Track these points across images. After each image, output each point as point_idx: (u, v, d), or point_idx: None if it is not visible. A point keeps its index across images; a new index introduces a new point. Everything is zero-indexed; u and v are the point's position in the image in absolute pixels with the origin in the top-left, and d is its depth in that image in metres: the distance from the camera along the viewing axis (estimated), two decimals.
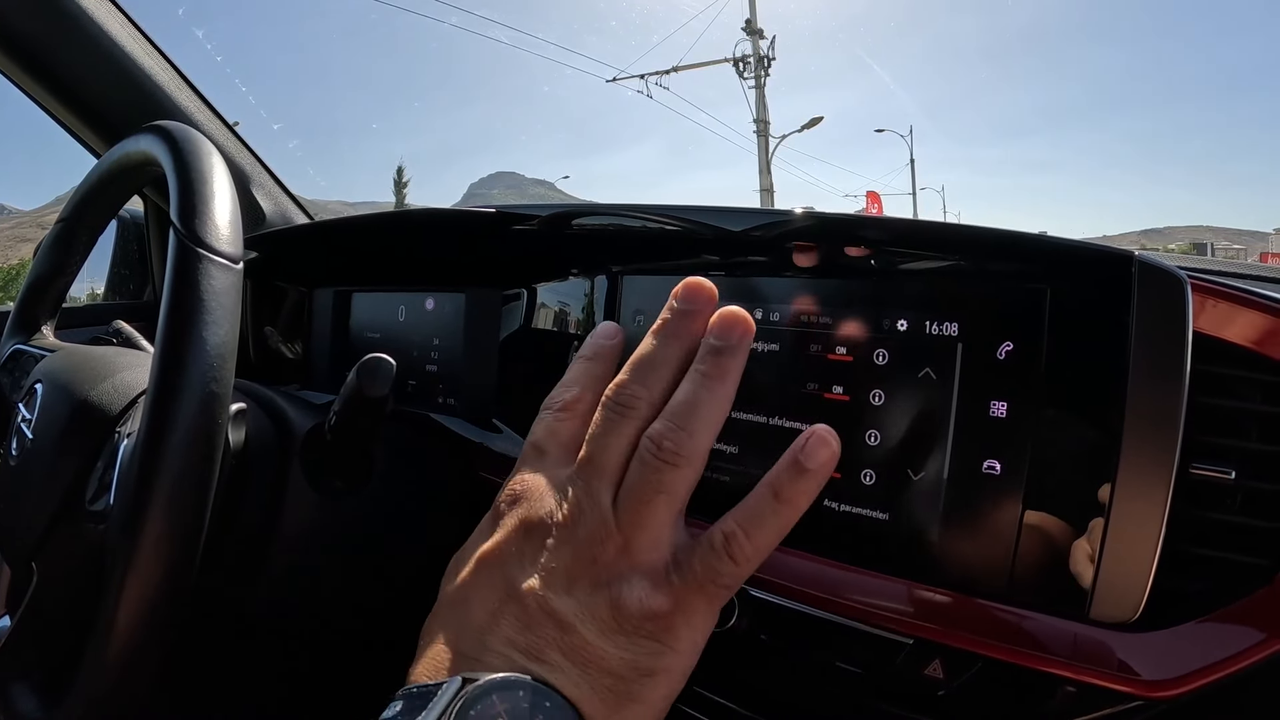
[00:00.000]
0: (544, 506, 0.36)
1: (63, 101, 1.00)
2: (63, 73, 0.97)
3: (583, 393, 0.40)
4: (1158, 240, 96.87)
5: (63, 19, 0.92)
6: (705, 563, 0.34)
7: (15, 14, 0.90)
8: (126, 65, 0.99)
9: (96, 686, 0.44)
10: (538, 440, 0.40)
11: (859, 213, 1.10)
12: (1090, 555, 0.40)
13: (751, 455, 0.54)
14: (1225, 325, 0.41)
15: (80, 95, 1.00)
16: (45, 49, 0.94)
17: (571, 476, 0.36)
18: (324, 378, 0.95)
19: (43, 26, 0.92)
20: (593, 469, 0.36)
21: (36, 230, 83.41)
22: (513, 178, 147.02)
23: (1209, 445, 0.41)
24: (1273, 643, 0.38)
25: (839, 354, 0.50)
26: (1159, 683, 0.39)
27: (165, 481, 0.41)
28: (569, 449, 0.38)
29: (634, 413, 0.37)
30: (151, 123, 0.60)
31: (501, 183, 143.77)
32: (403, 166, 60.21)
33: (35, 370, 0.64)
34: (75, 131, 1.04)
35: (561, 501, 0.36)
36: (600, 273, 0.66)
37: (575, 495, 0.35)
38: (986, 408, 0.44)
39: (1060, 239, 0.44)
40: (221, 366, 0.44)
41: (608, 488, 0.35)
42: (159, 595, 0.42)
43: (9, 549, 0.59)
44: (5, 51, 0.93)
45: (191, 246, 0.46)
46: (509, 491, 0.38)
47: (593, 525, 0.34)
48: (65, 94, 1.00)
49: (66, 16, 0.93)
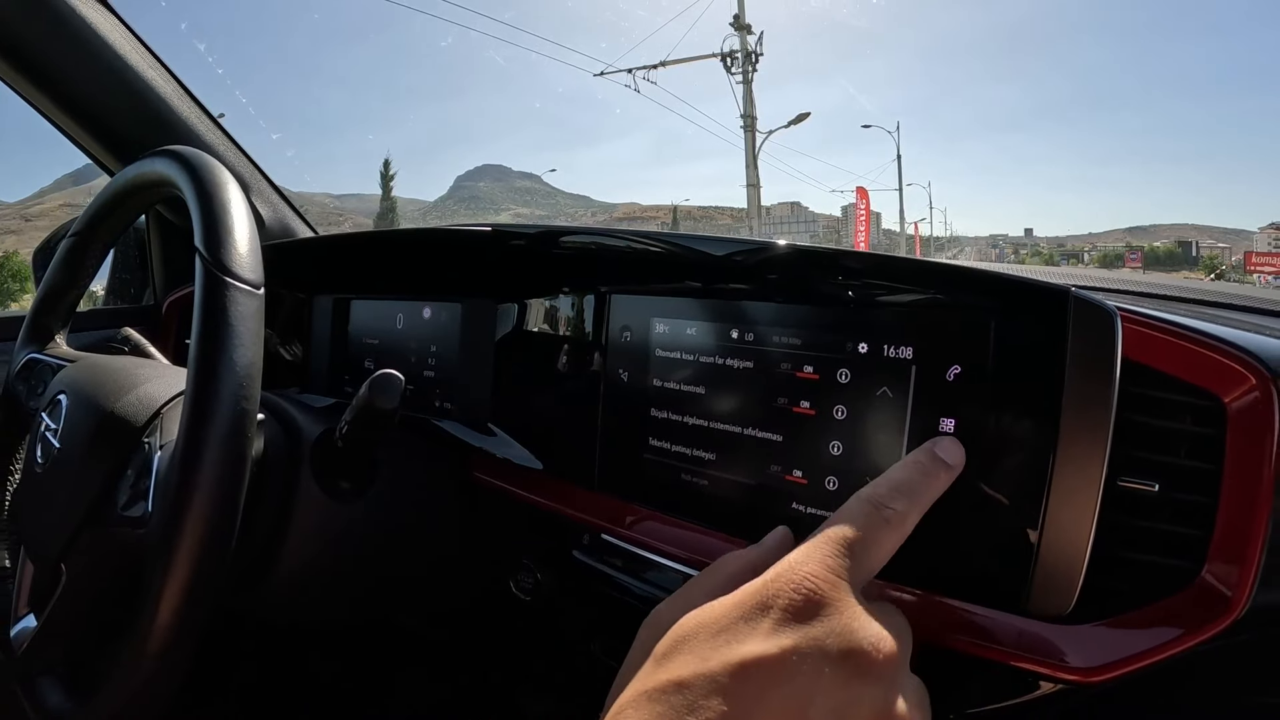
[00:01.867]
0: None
1: (77, 121, 1.04)
2: (77, 94, 1.01)
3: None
4: (1143, 238, 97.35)
5: (77, 42, 0.96)
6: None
7: (31, 37, 0.94)
8: (138, 85, 1.03)
9: (133, 683, 0.48)
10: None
11: (847, 206, 1.13)
12: (1028, 556, 0.45)
13: (726, 461, 0.59)
14: (1156, 354, 0.46)
15: (94, 115, 1.04)
16: (60, 71, 0.98)
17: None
18: (323, 381, 0.99)
19: (58, 49, 0.96)
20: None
21: (20, 222, 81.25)
22: (499, 170, 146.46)
23: (1140, 460, 0.45)
24: (1190, 638, 0.42)
25: (806, 372, 0.55)
26: (1086, 670, 0.43)
27: (203, 492, 0.46)
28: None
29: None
30: (168, 148, 0.64)
31: (488, 175, 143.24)
32: (389, 159, 60.01)
33: (56, 381, 0.67)
34: (89, 150, 1.08)
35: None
36: (589, 291, 0.71)
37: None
38: (936, 423, 0.49)
39: (1006, 275, 0.48)
40: (250, 385, 0.49)
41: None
42: (195, 598, 0.46)
43: (36, 550, 0.63)
44: (22, 73, 0.96)
45: (219, 275, 0.50)
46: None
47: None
48: (80, 114, 1.03)
49: (81, 40, 0.97)
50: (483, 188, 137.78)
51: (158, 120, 1.06)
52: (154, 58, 1.06)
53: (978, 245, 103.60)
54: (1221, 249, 79.62)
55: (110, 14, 1.00)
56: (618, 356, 0.67)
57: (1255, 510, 0.42)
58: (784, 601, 0.35)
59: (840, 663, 0.33)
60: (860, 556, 0.38)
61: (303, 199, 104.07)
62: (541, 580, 0.73)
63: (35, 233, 78.22)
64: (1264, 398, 0.43)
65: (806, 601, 0.35)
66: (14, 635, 0.63)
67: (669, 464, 0.63)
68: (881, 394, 0.51)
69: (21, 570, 0.66)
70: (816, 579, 0.35)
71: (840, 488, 0.53)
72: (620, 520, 0.65)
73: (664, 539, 0.62)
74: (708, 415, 0.61)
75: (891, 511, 0.40)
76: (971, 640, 0.47)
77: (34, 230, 78.28)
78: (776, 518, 0.52)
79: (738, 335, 0.59)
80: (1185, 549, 0.44)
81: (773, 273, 0.59)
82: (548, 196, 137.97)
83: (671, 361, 0.63)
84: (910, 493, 0.42)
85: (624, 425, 0.66)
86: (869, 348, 0.52)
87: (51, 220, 79.64)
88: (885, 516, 0.40)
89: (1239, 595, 0.42)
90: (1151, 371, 0.46)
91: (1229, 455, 0.44)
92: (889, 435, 0.51)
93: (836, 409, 0.54)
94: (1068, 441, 0.44)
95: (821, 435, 0.54)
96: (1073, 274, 0.78)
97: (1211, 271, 51.42)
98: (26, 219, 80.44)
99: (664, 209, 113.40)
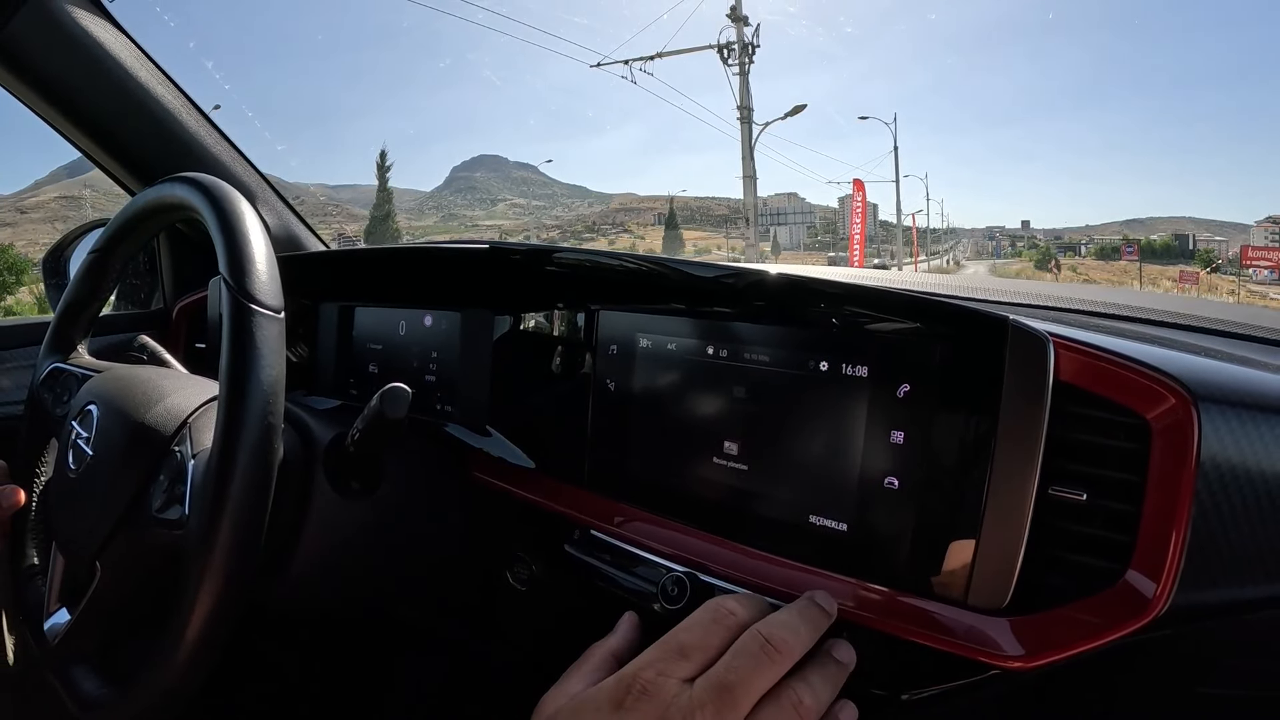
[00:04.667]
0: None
1: (100, 145, 1.10)
2: (99, 119, 1.07)
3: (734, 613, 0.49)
4: (1140, 231, 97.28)
5: (98, 70, 1.02)
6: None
7: (56, 67, 1.00)
8: (151, 106, 1.08)
9: (173, 670, 0.54)
10: (687, 642, 0.47)
11: (843, 198, 1.18)
12: (969, 555, 0.51)
13: (701, 466, 0.66)
14: (1087, 377, 0.51)
15: (111, 136, 1.09)
16: (83, 98, 1.04)
17: (703, 700, 0.44)
18: (328, 384, 1.04)
19: (80, 77, 1.02)
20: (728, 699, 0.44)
21: (14, 215, 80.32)
22: (496, 160, 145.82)
23: (1072, 471, 0.50)
24: (1111, 632, 0.47)
25: (774, 386, 0.62)
26: (1017, 657, 0.49)
27: (237, 498, 0.52)
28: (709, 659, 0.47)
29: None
30: (189, 175, 0.68)
31: (484, 166, 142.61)
32: (385, 150, 59.87)
33: (85, 392, 0.72)
34: (111, 171, 1.13)
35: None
36: (580, 309, 0.77)
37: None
38: (888, 435, 0.55)
39: (951, 304, 0.54)
40: (275, 401, 0.54)
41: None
42: (231, 592, 0.52)
43: (71, 549, 0.67)
44: (48, 101, 1.02)
45: (244, 302, 0.56)
46: (643, 679, 0.45)
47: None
48: (102, 138, 1.09)
49: (102, 69, 1.02)
50: (479, 178, 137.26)
51: (170, 138, 1.11)
52: (164, 76, 1.10)
53: (974, 237, 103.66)
54: (1218, 242, 79.69)
55: (122, 35, 1.05)
56: (605, 367, 0.72)
57: (1175, 519, 0.47)
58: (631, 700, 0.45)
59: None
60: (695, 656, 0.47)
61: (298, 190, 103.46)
62: (536, 572, 0.79)
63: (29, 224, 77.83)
64: (1184, 417, 0.48)
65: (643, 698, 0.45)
66: (48, 628, 0.68)
67: (651, 466, 0.69)
68: (839, 408, 0.57)
69: (53, 567, 0.71)
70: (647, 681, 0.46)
71: (801, 493, 0.60)
72: (608, 517, 0.71)
73: (647, 535, 0.68)
74: (685, 423, 0.67)
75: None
76: (917, 629, 0.52)
77: (28, 223, 77.81)
78: (746, 518, 0.61)
79: (713, 351, 0.65)
80: (1112, 552, 0.49)
81: (746, 296, 0.64)
82: (544, 187, 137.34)
83: (653, 373, 0.69)
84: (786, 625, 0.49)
85: (611, 430, 0.72)
86: (829, 366, 0.58)
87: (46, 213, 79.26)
88: (727, 625, 0.49)
89: (1159, 596, 0.47)
90: (1083, 392, 0.51)
91: (1152, 469, 0.48)
92: (846, 446, 0.57)
93: (799, 421, 0.60)
94: (1004, 454, 0.50)
95: (786, 444, 0.60)
96: (1027, 291, 0.84)
97: (1207, 265, 51.53)
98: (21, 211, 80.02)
99: (660, 200, 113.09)
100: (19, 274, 40.03)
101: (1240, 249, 47.88)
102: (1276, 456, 0.51)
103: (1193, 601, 0.47)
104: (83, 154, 1.11)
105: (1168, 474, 0.48)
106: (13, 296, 35.43)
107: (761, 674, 0.45)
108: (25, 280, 38.55)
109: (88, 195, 72.18)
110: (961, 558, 0.51)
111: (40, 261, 1.32)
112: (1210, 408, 0.48)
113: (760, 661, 0.45)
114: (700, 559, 0.63)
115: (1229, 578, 0.49)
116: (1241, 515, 0.49)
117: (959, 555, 0.51)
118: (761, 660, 0.45)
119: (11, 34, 0.94)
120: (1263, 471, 0.50)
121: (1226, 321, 0.75)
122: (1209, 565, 0.48)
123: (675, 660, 0.46)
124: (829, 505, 0.58)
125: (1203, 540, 0.47)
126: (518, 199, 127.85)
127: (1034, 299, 0.80)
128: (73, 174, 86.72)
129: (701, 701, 0.43)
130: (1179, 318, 0.76)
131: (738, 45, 18.72)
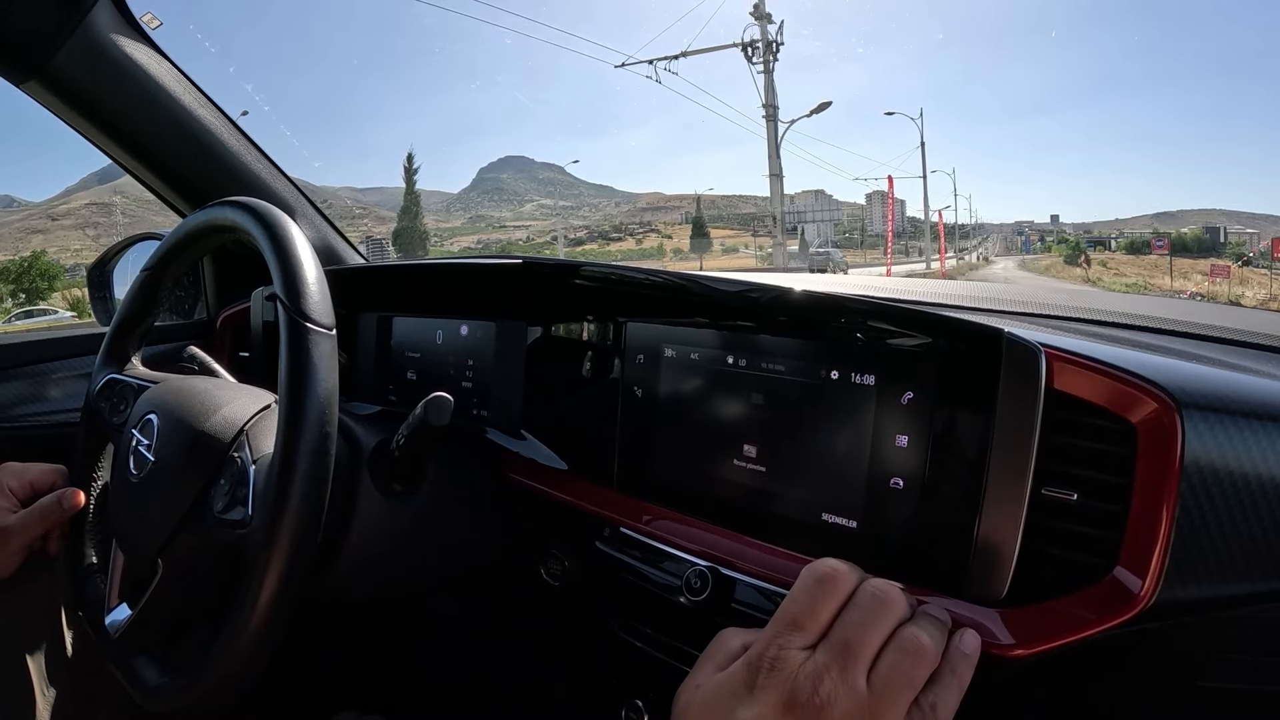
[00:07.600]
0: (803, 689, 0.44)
1: (147, 166, 1.17)
2: (146, 142, 1.14)
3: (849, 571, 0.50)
4: (1170, 224, 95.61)
5: (144, 96, 1.09)
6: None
7: (104, 94, 1.06)
8: (197, 129, 1.15)
9: (230, 666, 0.59)
10: (797, 614, 0.48)
11: (870, 194, 1.20)
12: (967, 550, 0.55)
13: (723, 468, 0.71)
14: (1077, 384, 0.54)
15: (162, 160, 1.16)
16: (131, 123, 1.11)
17: (828, 662, 0.45)
18: (368, 390, 1.10)
19: (127, 102, 1.08)
20: (850, 655, 0.45)
21: (46, 222, 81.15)
22: (522, 161, 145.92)
23: (1063, 473, 0.54)
24: (1099, 624, 0.51)
25: (789, 394, 0.67)
26: (1011, 645, 0.53)
27: (296, 500, 0.57)
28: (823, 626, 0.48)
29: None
30: (239, 200, 0.74)
31: (511, 167, 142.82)
32: (412, 153, 60.27)
33: (143, 402, 0.77)
34: (158, 190, 1.20)
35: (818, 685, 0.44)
36: (609, 320, 0.82)
37: (831, 680, 0.44)
38: (894, 439, 0.60)
39: (951, 318, 0.59)
40: (330, 411, 0.60)
41: (862, 674, 0.45)
42: (290, 585, 0.58)
43: (133, 547, 0.73)
44: (97, 126, 1.09)
45: (300, 321, 0.61)
46: (768, 657, 0.46)
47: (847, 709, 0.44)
48: (149, 160, 1.16)
49: (147, 95, 1.09)
50: (505, 179, 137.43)
51: (214, 158, 1.17)
52: (206, 98, 1.16)
53: (1002, 232, 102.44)
54: (1250, 234, 78.26)
55: (166, 60, 1.10)
56: (633, 375, 0.77)
57: (1159, 519, 0.50)
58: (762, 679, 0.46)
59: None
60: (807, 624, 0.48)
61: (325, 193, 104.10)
62: (568, 567, 0.84)
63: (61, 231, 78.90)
64: (1168, 422, 0.51)
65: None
66: (109, 622, 0.73)
67: (676, 468, 0.74)
68: (849, 414, 0.62)
69: (113, 565, 0.76)
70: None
71: (814, 493, 0.64)
72: (636, 516, 0.76)
73: (673, 532, 0.72)
74: (708, 427, 0.72)
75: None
76: None
77: (60, 229, 78.88)
78: (764, 516, 0.66)
79: (733, 361, 0.70)
80: (1101, 550, 0.53)
81: (767, 311, 0.69)
82: (570, 187, 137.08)
83: (678, 381, 0.74)
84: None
85: (639, 434, 0.77)
86: (840, 375, 0.63)
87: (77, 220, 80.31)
88: (828, 588, 0.49)
89: (1145, 591, 0.50)
90: (1074, 399, 0.54)
91: (1138, 471, 0.52)
92: (855, 449, 0.62)
93: (813, 426, 0.65)
94: (1000, 456, 0.54)
95: (801, 447, 0.65)
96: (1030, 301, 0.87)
97: (1239, 259, 50.63)
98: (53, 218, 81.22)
99: (687, 198, 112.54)
100: (51, 280, 40.87)
101: (1271, 241, 46.94)
102: (1258, 459, 0.54)
103: (1177, 596, 0.50)
104: (131, 175, 1.17)
105: (1153, 476, 0.51)
106: (46, 301, 36.16)
107: (878, 624, 0.47)
108: (58, 285, 39.33)
109: (118, 201, 73.23)
110: (960, 553, 0.55)
111: (71, 268, 1.38)
112: (1193, 413, 0.51)
113: (873, 612, 0.47)
114: (722, 554, 0.67)
115: (1212, 574, 0.52)
116: (1224, 515, 0.52)
117: (958, 550, 0.56)
118: (875, 610, 0.47)
119: (60, 64, 1.00)
120: (1244, 473, 0.53)
121: (1219, 328, 0.78)
122: (1193, 562, 0.51)
123: (791, 632, 0.47)
124: (840, 504, 0.62)
125: (1186, 539, 0.50)
126: (544, 199, 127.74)
127: (1032, 308, 0.84)
128: (103, 180, 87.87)
129: (826, 664, 0.44)
130: (1173, 324, 0.79)
131: (761, 43, 18.68)
